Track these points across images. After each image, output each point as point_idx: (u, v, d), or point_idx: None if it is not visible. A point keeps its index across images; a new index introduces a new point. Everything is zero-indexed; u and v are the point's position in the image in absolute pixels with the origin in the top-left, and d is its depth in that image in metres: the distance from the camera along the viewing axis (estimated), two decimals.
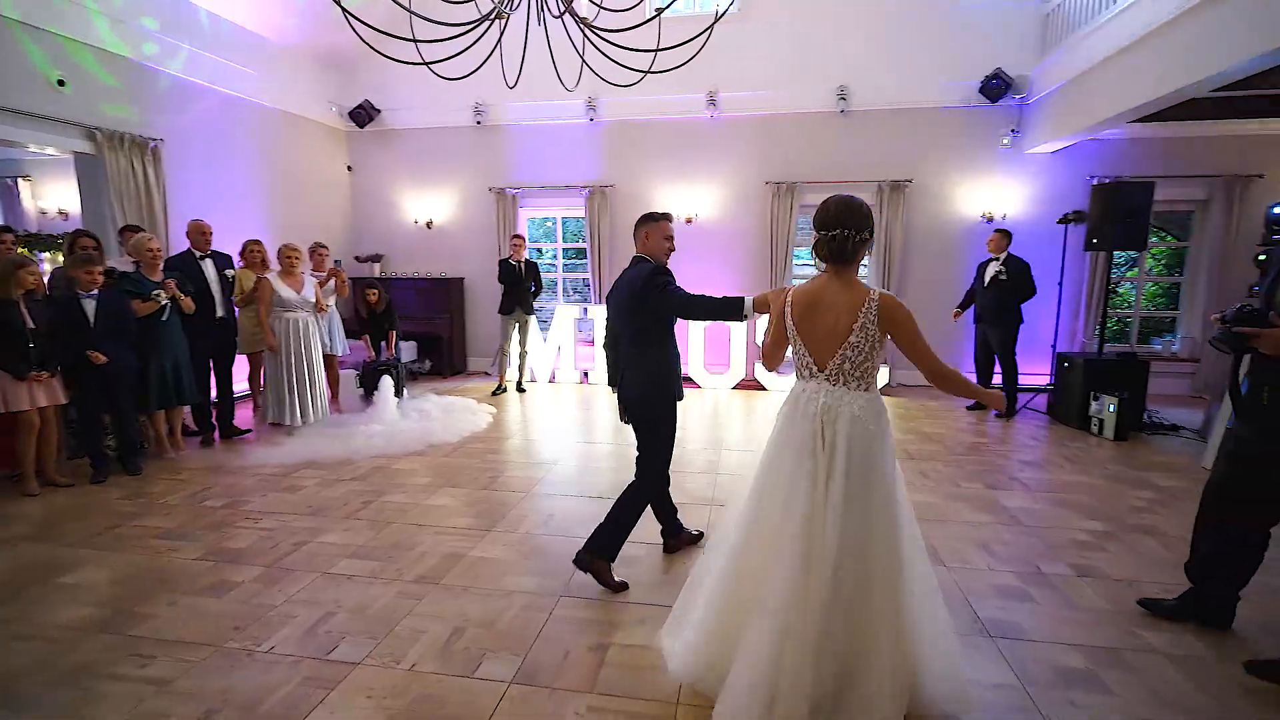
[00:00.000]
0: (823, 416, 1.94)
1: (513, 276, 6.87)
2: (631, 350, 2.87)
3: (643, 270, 2.80)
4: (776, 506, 1.96)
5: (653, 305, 2.77)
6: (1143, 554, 3.20)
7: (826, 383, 1.99)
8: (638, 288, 2.76)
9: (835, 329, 1.95)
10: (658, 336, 2.88)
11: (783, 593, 1.85)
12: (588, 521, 3.53)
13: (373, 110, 8.26)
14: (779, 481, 1.99)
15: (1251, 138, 6.69)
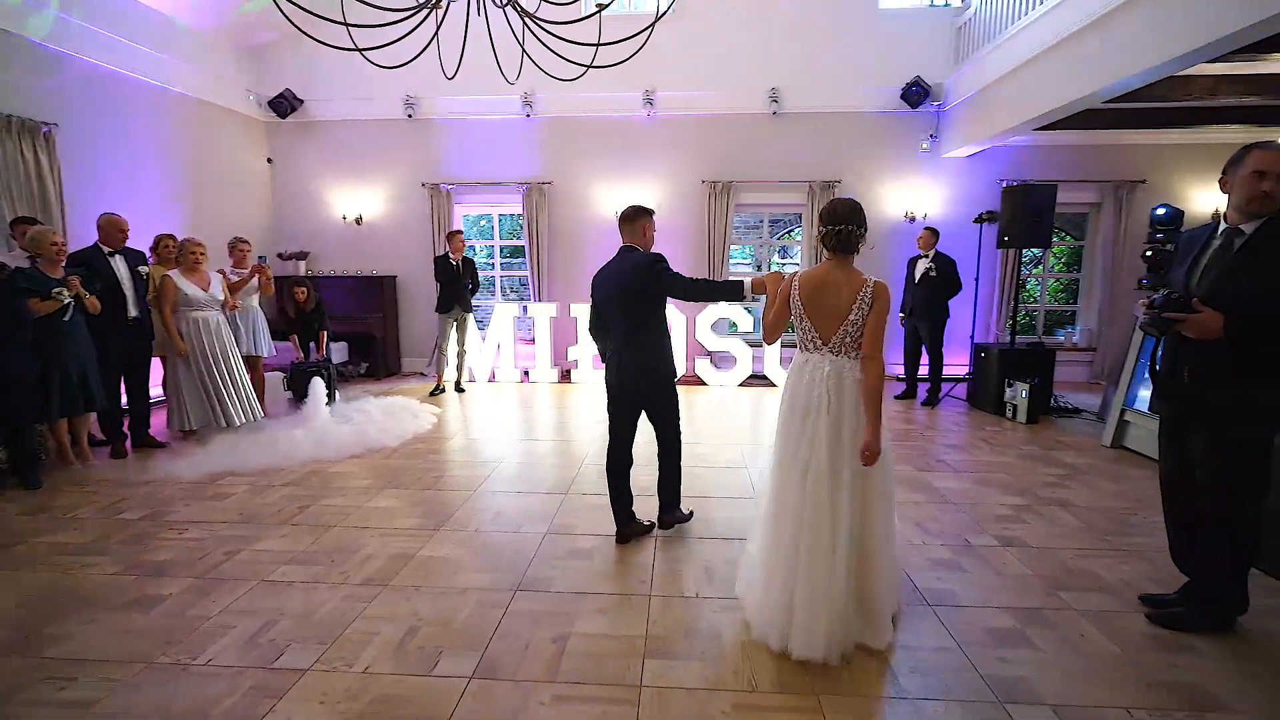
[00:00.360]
0: (828, 382, 2.31)
1: (450, 274, 6.71)
2: (630, 334, 3.00)
3: (642, 258, 2.97)
4: (796, 467, 2.33)
5: (656, 288, 2.95)
6: (1056, 524, 3.48)
7: (830, 353, 2.36)
8: (641, 273, 2.92)
9: (838, 308, 2.31)
10: (655, 320, 3.04)
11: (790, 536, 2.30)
12: (537, 517, 3.54)
13: (295, 100, 7.87)
14: (796, 444, 2.35)
15: (1136, 147, 7.37)
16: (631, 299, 2.96)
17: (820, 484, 2.26)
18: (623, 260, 3.02)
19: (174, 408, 4.90)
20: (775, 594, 2.31)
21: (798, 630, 2.23)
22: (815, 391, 2.33)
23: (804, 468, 2.30)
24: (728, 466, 4.47)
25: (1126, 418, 4.79)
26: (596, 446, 4.97)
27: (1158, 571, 2.93)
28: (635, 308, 2.98)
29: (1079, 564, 3.00)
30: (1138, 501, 3.81)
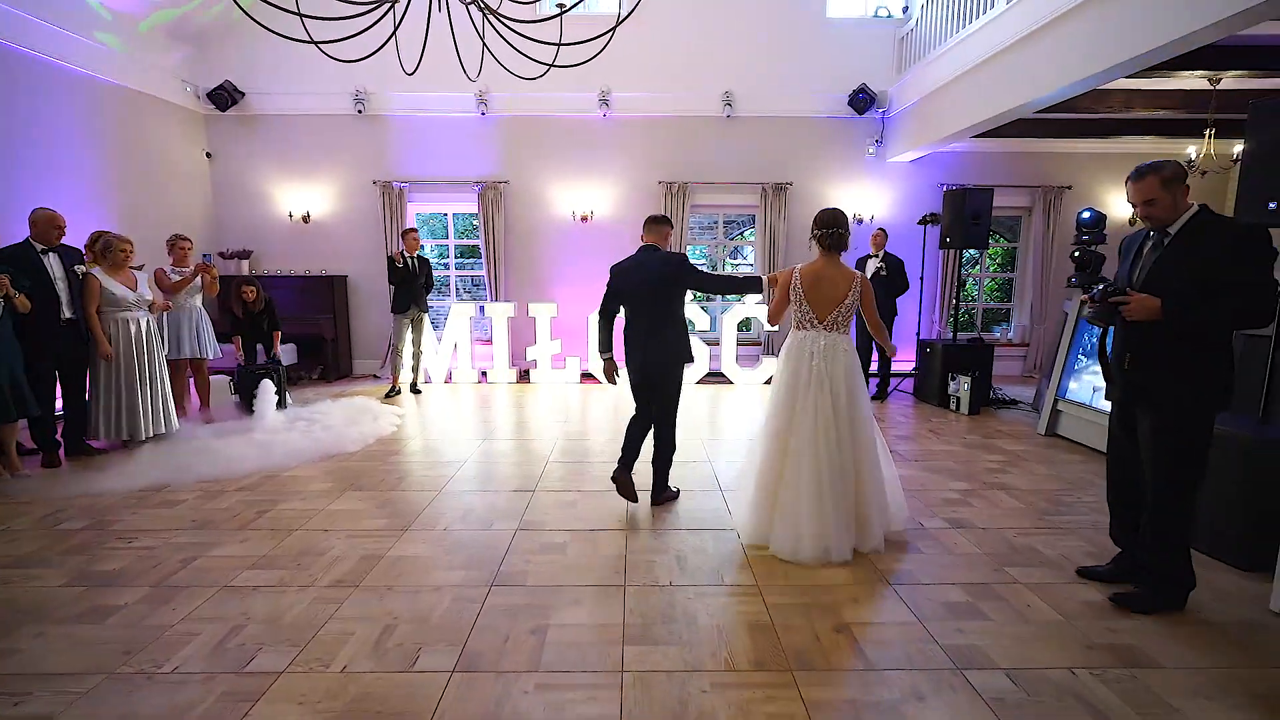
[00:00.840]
0: (824, 353, 3.02)
1: (404, 273, 6.58)
2: (654, 324, 3.41)
3: (672, 255, 3.49)
4: (786, 422, 3.03)
5: (684, 282, 3.45)
6: (999, 506, 3.71)
7: (824, 330, 3.06)
8: (672, 268, 3.39)
9: (833, 295, 3.04)
10: (677, 313, 3.48)
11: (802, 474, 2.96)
12: (506, 514, 3.54)
13: (235, 93, 7.57)
14: (788, 402, 3.03)
15: (1063, 155, 7.88)
16: (662, 290, 3.40)
17: (818, 426, 2.95)
18: (649, 257, 3.44)
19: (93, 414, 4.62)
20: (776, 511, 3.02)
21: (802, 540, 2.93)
22: (813, 360, 3.01)
23: (801, 416, 2.98)
24: (691, 461, 4.57)
25: (1059, 408, 5.13)
26: (560, 445, 4.99)
27: (1090, 545, 3.17)
28: (663, 298, 3.41)
29: (1022, 542, 3.22)
30: (1070, 484, 4.10)
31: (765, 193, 7.81)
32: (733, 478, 4.15)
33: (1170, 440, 2.43)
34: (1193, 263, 2.34)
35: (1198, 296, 2.30)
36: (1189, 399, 2.39)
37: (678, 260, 3.43)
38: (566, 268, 8.06)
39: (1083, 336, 5.06)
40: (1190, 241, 2.37)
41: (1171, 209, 2.40)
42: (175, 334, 5.53)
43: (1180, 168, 2.42)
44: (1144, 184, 2.42)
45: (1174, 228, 2.42)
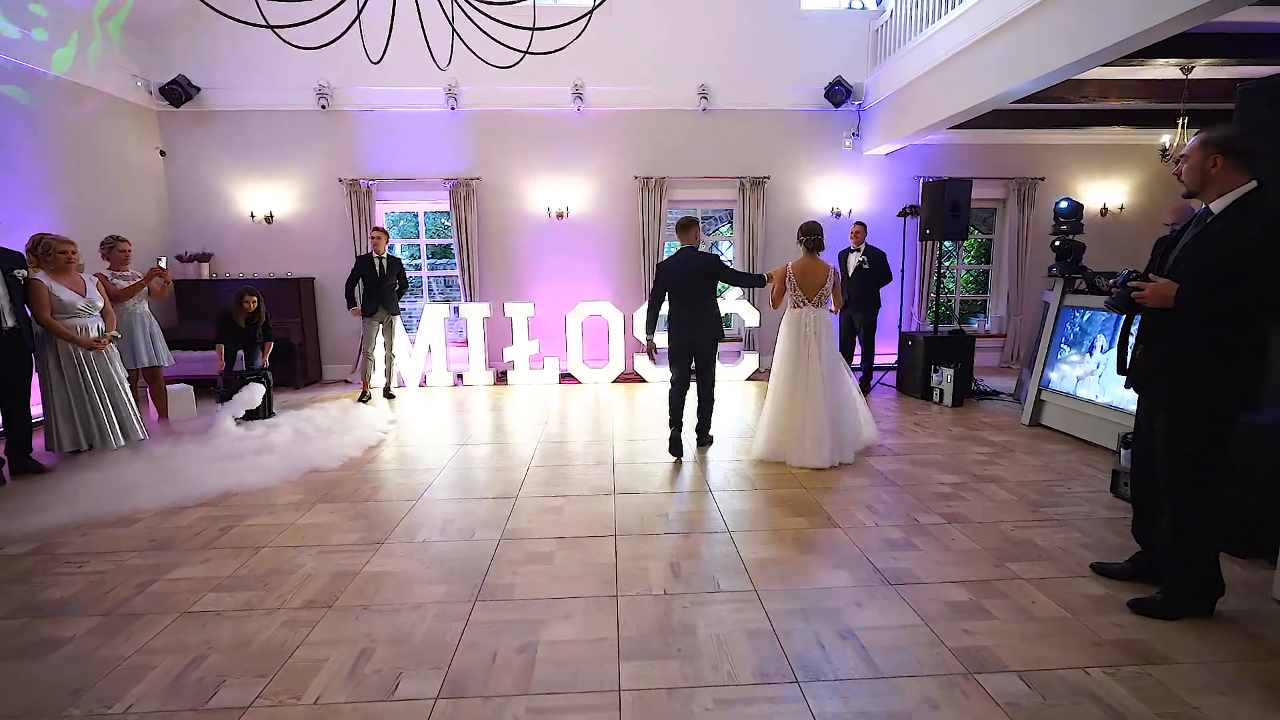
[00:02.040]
0: (816, 323, 4.32)
1: (372, 274, 6.36)
2: (699, 308, 4.39)
3: (710, 256, 4.46)
4: (794, 369, 4.31)
5: (718, 277, 4.45)
6: (992, 499, 3.66)
7: (812, 307, 4.35)
8: (710, 267, 4.39)
9: (817, 282, 4.34)
10: (713, 297, 4.48)
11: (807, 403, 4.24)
12: (488, 524, 3.38)
13: (190, 87, 7.23)
14: (794, 356, 4.32)
15: (1037, 146, 7.95)
16: (702, 284, 4.38)
17: (812, 370, 4.25)
18: (689, 258, 4.37)
19: (49, 427, 4.35)
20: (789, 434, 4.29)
21: (807, 450, 4.21)
22: (807, 327, 4.32)
23: (801, 364, 4.28)
24: (676, 460, 4.44)
25: (1043, 398, 5.13)
26: (541, 449, 4.83)
27: (1086, 537, 3.13)
28: (703, 290, 4.39)
29: (1019, 535, 3.16)
30: (1059, 474, 4.07)
31: (743, 187, 7.72)
32: (722, 478, 4.06)
33: (1184, 438, 2.32)
34: (1227, 246, 2.18)
35: (1219, 282, 2.17)
36: (1205, 395, 2.26)
37: (713, 258, 4.48)
38: (543, 266, 7.88)
39: (1065, 326, 5.07)
40: (1231, 223, 2.20)
41: (1198, 175, 2.27)
42: (129, 342, 5.24)
43: (1230, 136, 2.23)
44: (1190, 141, 2.29)
45: (1217, 205, 2.27)
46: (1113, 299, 2.49)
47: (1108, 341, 4.61)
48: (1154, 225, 7.78)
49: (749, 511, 3.51)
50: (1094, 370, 4.68)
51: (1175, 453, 2.37)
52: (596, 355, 7.60)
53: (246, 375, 5.74)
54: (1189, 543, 2.39)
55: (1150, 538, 2.62)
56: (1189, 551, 2.39)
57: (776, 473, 4.14)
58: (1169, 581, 2.46)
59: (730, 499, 3.70)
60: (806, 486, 3.88)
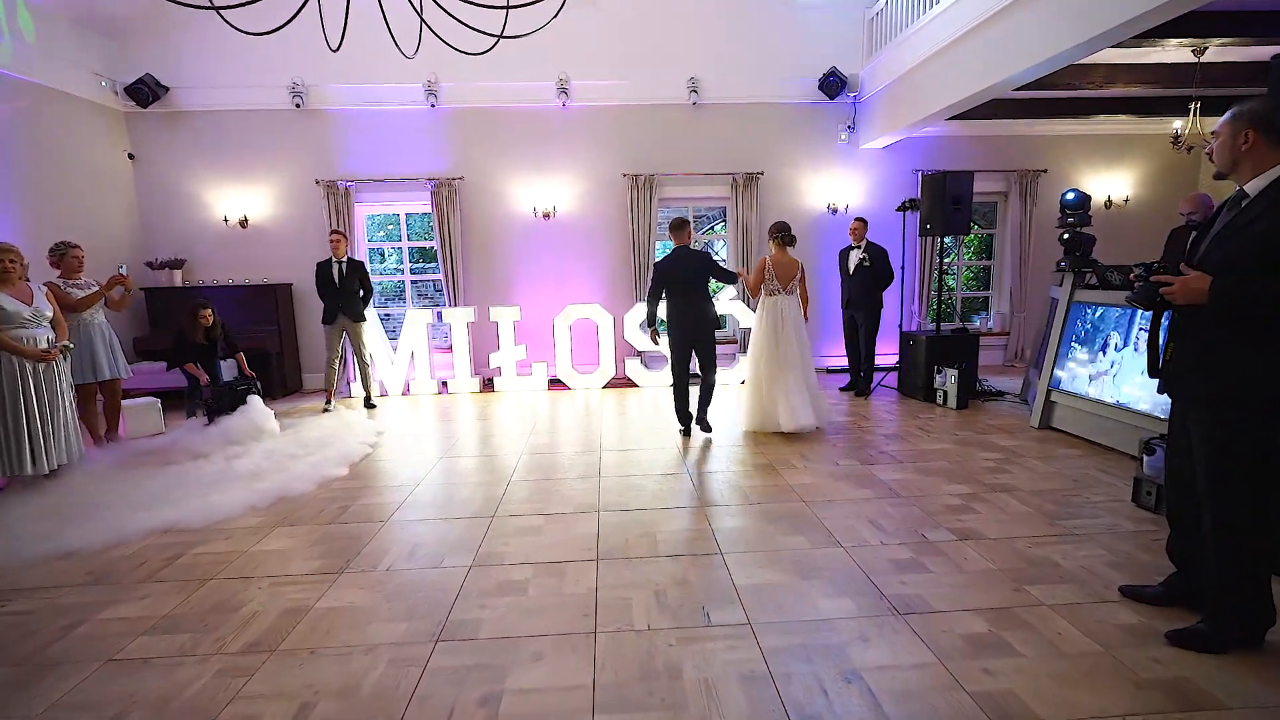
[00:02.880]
0: (789, 309, 4.97)
1: (331, 280, 6.17)
2: (695, 305, 4.82)
3: (703, 254, 4.93)
4: (773, 346, 4.93)
5: (710, 274, 4.87)
6: (1005, 511, 3.39)
7: (785, 295, 4.98)
8: (704, 265, 4.82)
9: (789, 273, 5.00)
10: (707, 293, 4.94)
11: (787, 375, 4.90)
12: (461, 547, 3.10)
13: (157, 87, 6.95)
14: (771, 336, 4.94)
15: (1038, 137, 7.70)
16: (697, 280, 4.81)
17: (790, 348, 4.92)
18: (684, 257, 4.80)
19: None
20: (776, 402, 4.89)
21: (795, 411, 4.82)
22: (783, 313, 4.96)
23: (780, 343, 4.92)
24: (667, 473, 4.18)
25: (1053, 399, 4.86)
26: (525, 460, 4.55)
27: (1111, 554, 2.87)
28: (698, 285, 4.82)
29: (1037, 553, 2.90)
30: (1074, 482, 3.81)
31: (736, 183, 7.46)
32: (715, 491, 3.80)
33: (1224, 444, 2.06)
34: (1266, 230, 1.94)
35: (1258, 271, 1.92)
36: (1246, 395, 2.01)
37: (706, 256, 4.95)
38: (530, 267, 7.61)
39: (1075, 323, 4.81)
40: (1270, 205, 1.96)
41: (1228, 153, 2.03)
42: (89, 354, 4.94)
43: (1265, 109, 1.99)
44: (1224, 117, 2.05)
45: (1252, 187, 2.03)
46: (1135, 294, 2.23)
47: (1122, 339, 4.35)
48: (1161, 217, 7.55)
49: (744, 529, 3.24)
50: (1108, 370, 4.42)
51: (1215, 461, 2.10)
52: (586, 360, 7.33)
53: (236, 385, 5.50)
54: (1234, 564, 2.12)
55: (1188, 558, 2.35)
56: (1234, 574, 2.13)
57: (773, 485, 3.87)
58: (1212, 609, 2.19)
59: (724, 515, 3.43)
60: (806, 500, 3.61)
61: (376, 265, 10.34)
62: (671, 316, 4.86)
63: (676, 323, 4.85)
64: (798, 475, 4.04)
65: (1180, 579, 2.40)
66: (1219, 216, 2.19)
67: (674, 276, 4.77)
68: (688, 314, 4.82)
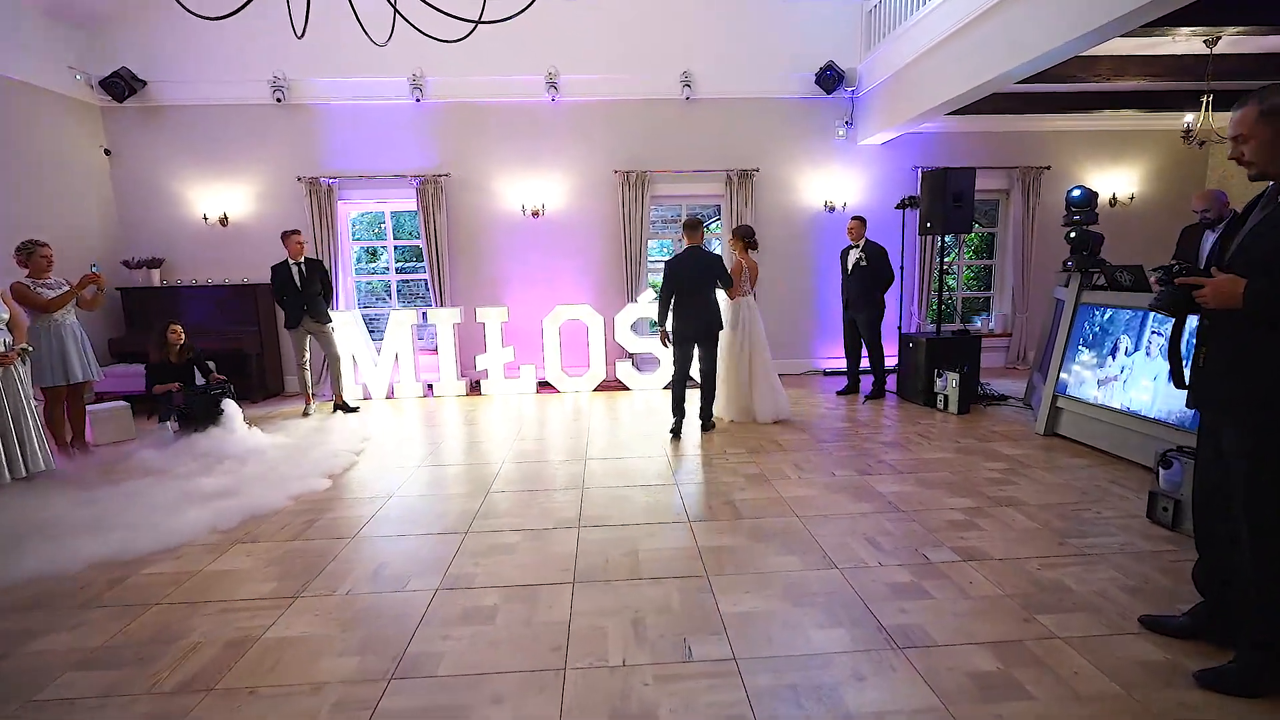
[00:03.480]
0: (755, 310, 5.44)
1: (291, 282, 5.98)
2: (703, 302, 4.95)
3: (713, 256, 5.10)
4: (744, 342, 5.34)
5: (717, 274, 4.99)
6: (1012, 527, 3.19)
7: (752, 294, 5.42)
8: (712, 266, 4.97)
9: (756, 274, 5.42)
10: (714, 294, 5.06)
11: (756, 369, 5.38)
12: (429, 567, 2.89)
13: (134, 81, 6.72)
14: (740, 334, 5.31)
15: (1042, 133, 7.49)
16: (705, 280, 4.95)
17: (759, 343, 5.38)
18: (697, 256, 4.94)
19: None
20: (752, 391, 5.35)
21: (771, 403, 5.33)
22: (752, 311, 5.40)
23: (752, 342, 5.35)
24: (655, 484, 3.97)
25: (1059, 405, 4.66)
26: (506, 470, 4.34)
27: (1126, 577, 2.66)
28: (705, 285, 4.95)
29: (1047, 576, 2.69)
30: (1084, 495, 3.60)
31: (730, 180, 7.25)
32: (704, 505, 3.58)
33: (1263, 460, 1.86)
34: None
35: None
36: None
37: (717, 258, 5.09)
38: (518, 267, 7.39)
39: (1082, 325, 4.60)
40: None
41: (1271, 152, 1.84)
42: (60, 356, 4.73)
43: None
44: (1240, 115, 1.86)
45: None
46: (1161, 300, 2.02)
47: (1133, 343, 4.14)
48: (1168, 215, 7.34)
49: (733, 548, 3.03)
50: (1117, 375, 4.22)
51: (1252, 480, 1.90)
52: (576, 362, 7.13)
53: (210, 390, 5.30)
54: (1272, 595, 1.91)
55: (1218, 585, 2.15)
56: (1272, 606, 1.92)
57: (766, 499, 3.66)
58: (1247, 645, 1.98)
59: (712, 532, 3.22)
60: (800, 515, 3.40)
61: (366, 265, 10.13)
62: (677, 315, 4.97)
63: (682, 321, 4.96)
64: (792, 487, 3.83)
65: (1208, 609, 2.19)
66: (1250, 214, 1.99)
67: (686, 274, 4.90)
68: (694, 313, 4.94)
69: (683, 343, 5.03)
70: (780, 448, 4.67)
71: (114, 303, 6.88)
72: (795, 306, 7.59)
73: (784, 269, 7.49)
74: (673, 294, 4.95)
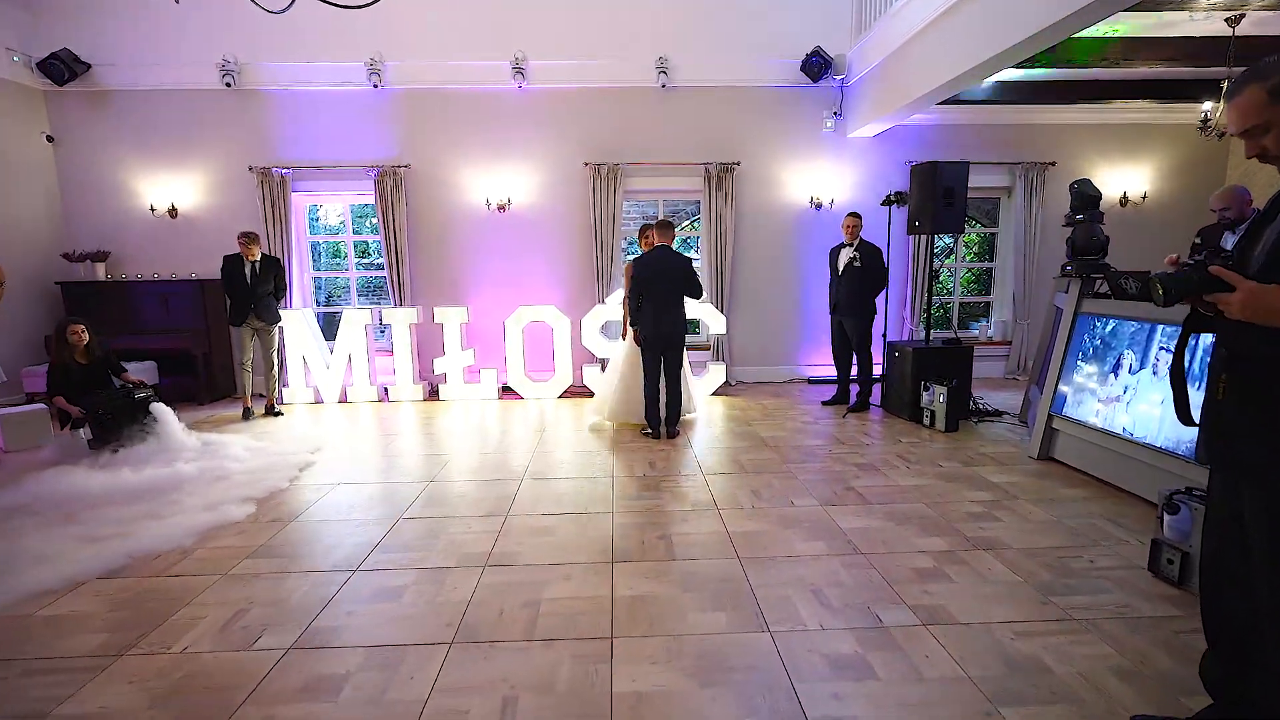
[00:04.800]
0: None
1: (242, 278, 5.66)
2: (672, 305, 4.71)
3: (684, 259, 4.79)
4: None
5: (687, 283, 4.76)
6: (987, 580, 2.70)
7: None
8: (684, 269, 4.73)
9: None
10: (683, 298, 4.79)
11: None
12: (289, 618, 2.43)
13: (75, 64, 6.35)
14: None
15: (1045, 127, 6.95)
16: (677, 284, 4.71)
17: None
18: (669, 257, 4.73)
19: None
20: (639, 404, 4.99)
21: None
22: None
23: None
24: (587, 511, 3.51)
25: (1055, 426, 4.15)
26: (429, 491, 3.90)
27: (1119, 653, 2.18)
28: (676, 289, 4.71)
29: (1022, 650, 2.21)
30: (1076, 536, 3.11)
31: (709, 174, 6.77)
32: (636, 539, 3.11)
33: None
34: None
35: None
36: None
37: (688, 260, 4.85)
38: (482, 265, 6.96)
39: (1081, 338, 4.09)
40: None
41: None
42: None
43: None
44: (1243, 99, 1.43)
45: None
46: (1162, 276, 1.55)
47: (1138, 359, 3.63)
48: (1184, 215, 6.80)
49: (654, 600, 2.57)
50: (1120, 395, 3.71)
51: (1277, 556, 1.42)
52: (541, 366, 6.69)
53: (133, 392, 4.89)
54: None
55: (1233, 687, 1.67)
56: None
57: (709, 533, 3.20)
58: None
59: (636, 576, 2.76)
60: (743, 555, 2.94)
61: (327, 261, 9.74)
62: (648, 317, 4.73)
63: (653, 323, 4.73)
64: (742, 519, 3.36)
65: (1218, 715, 1.71)
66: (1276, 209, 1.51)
67: (658, 274, 4.69)
68: (667, 318, 4.74)
69: (653, 346, 4.80)
70: (741, 468, 4.21)
71: (53, 299, 6.53)
72: (779, 309, 7.12)
73: (767, 269, 7.02)
74: (643, 296, 4.69)
